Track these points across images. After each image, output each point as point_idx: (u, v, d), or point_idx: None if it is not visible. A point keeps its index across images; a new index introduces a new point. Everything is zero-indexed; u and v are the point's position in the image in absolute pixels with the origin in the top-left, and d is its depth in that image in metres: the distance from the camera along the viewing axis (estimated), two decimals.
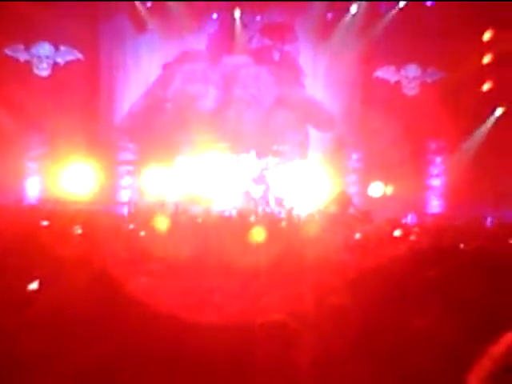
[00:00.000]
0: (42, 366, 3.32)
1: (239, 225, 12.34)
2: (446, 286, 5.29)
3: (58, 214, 12.95)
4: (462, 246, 10.20)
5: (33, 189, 21.16)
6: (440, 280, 5.63)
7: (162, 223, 11.65)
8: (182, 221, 13.58)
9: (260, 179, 21.94)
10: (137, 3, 21.59)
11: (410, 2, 21.44)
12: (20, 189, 20.79)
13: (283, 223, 14.64)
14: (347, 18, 22.09)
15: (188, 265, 6.03)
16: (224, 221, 14.34)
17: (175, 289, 4.80)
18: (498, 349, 2.19)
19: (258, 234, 9.61)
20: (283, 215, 17.29)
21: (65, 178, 20.88)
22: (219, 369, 3.46)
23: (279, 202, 21.11)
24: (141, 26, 21.93)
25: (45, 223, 10.54)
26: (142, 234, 10.87)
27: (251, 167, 21.96)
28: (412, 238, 11.05)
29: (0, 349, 3.57)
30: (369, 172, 22.11)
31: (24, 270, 5.29)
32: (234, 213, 18.47)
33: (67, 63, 21.68)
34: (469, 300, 4.67)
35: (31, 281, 4.94)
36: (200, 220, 13.69)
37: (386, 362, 3.57)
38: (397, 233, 11.31)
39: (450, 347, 3.80)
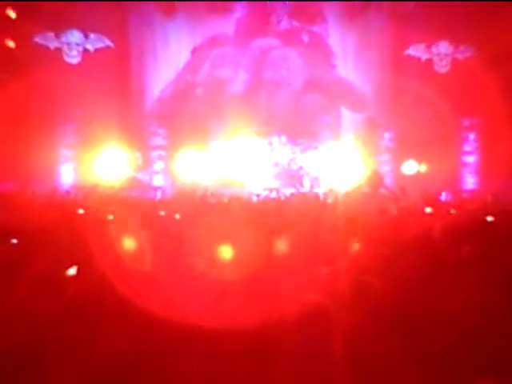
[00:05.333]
0: (77, 352, 3.37)
1: (268, 207, 12.33)
2: (480, 263, 5.26)
3: (91, 201, 13.06)
4: (490, 219, 10.16)
5: (67, 175, 21.39)
6: (474, 257, 5.60)
7: (191, 207, 11.71)
8: (211, 204, 13.59)
9: (293, 161, 21.90)
10: None
11: None
12: (55, 176, 21.02)
13: (316, 202, 14.60)
14: None
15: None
16: (253, 204, 14.33)
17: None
18: None
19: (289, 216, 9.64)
20: (319, 194, 17.23)
21: (98, 164, 21.07)
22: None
23: (313, 183, 21.07)
24: (169, 12, 21.96)
25: (80, 211, 10.64)
26: (177, 216, 10.91)
27: (283, 150, 21.92)
28: (448, 213, 10.98)
29: (38, 333, 3.64)
30: (402, 151, 21.96)
31: (61, 256, 5.37)
32: (265, 195, 18.47)
33: (97, 50, 21.81)
34: (502, 278, 4.65)
35: (69, 267, 5.02)
36: (226, 200, 13.68)
37: (417, 341, 3.57)
38: (428, 209, 11.20)
39: (479, 329, 3.78)
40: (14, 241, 5.86)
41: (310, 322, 3.37)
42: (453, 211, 11.83)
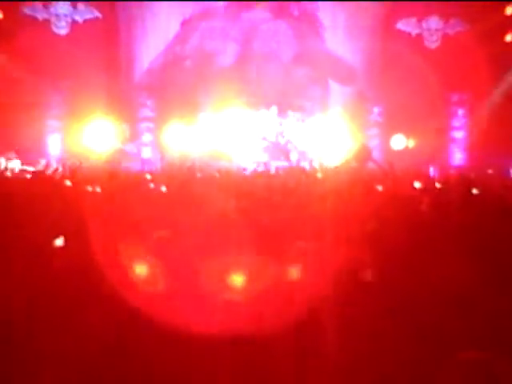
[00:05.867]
0: (64, 324, 3.39)
1: (256, 180, 12.35)
2: (467, 234, 5.31)
3: (79, 173, 13.03)
4: (475, 191, 10.25)
5: (54, 146, 21.30)
6: (461, 229, 5.64)
7: (178, 180, 11.72)
8: (198, 177, 13.59)
9: (281, 134, 21.87)
10: None
11: None
12: (42, 147, 20.93)
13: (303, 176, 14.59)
14: None
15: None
16: (242, 177, 14.34)
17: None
18: None
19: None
20: (307, 168, 17.23)
21: (85, 135, 20.98)
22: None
23: (301, 156, 21.06)
24: None
25: (67, 182, 10.61)
26: (163, 189, 10.92)
27: (272, 122, 21.88)
28: (435, 187, 11.04)
29: (24, 303, 3.65)
30: (390, 125, 21.98)
31: (48, 227, 5.37)
32: (254, 168, 18.47)
33: (86, 21, 21.64)
34: (489, 249, 4.69)
35: (56, 237, 5.04)
36: (213, 174, 13.69)
37: (405, 314, 3.60)
38: (417, 184, 11.25)
39: (468, 297, 3.82)
40: None
41: (296, 295, 3.39)
42: (439, 185, 11.91)
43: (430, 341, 3.35)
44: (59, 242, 5.01)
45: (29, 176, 12.41)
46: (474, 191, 10.48)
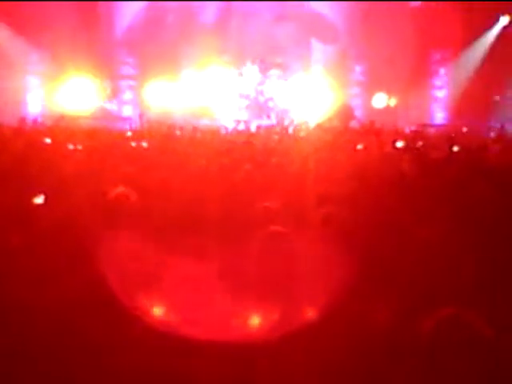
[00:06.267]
0: (46, 283, 3.39)
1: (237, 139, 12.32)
2: (451, 193, 5.36)
3: (59, 131, 12.93)
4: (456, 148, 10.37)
5: (34, 104, 21.10)
6: (442, 186, 5.69)
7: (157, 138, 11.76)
8: (178, 135, 13.57)
9: (261, 92, 21.76)
10: None
11: None
12: (21, 104, 20.72)
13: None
14: None
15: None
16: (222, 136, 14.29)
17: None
18: None
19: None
20: (287, 127, 17.21)
21: (65, 92, 20.79)
22: None
23: (282, 114, 20.98)
24: None
25: (47, 140, 10.55)
26: (144, 144, 10.95)
27: (253, 80, 21.74)
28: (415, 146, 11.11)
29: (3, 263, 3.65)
30: (372, 84, 21.97)
31: (28, 185, 5.36)
32: (233, 126, 18.40)
33: None
34: (472, 208, 4.75)
35: (36, 195, 5.03)
36: (199, 135, 13.66)
37: (385, 271, 3.63)
38: (399, 144, 11.32)
39: (453, 257, 3.87)
40: None
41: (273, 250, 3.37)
42: (420, 143, 11.99)
43: (413, 298, 3.39)
44: (39, 200, 5.00)
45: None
46: (455, 149, 10.62)
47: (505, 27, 21.28)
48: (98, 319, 3.08)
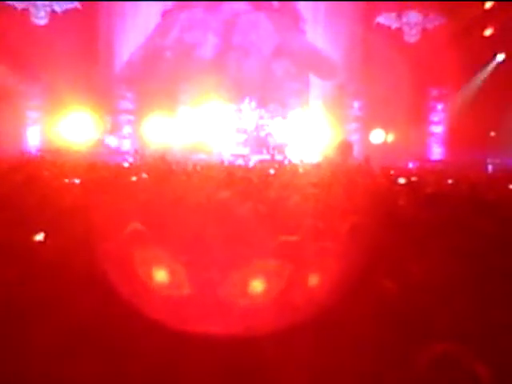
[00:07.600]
0: (45, 314, 3.38)
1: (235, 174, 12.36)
2: (445, 229, 5.36)
3: (58, 165, 12.96)
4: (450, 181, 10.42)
5: (33, 138, 21.18)
6: (439, 224, 5.69)
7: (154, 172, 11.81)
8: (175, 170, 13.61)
9: (261, 127, 21.84)
10: None
11: None
12: (20, 139, 20.80)
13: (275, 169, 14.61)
14: None
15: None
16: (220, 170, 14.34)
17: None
18: None
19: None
20: (285, 162, 17.29)
21: (64, 127, 20.87)
22: None
23: (280, 150, 21.05)
24: None
25: (46, 174, 10.57)
26: (144, 175, 11.04)
27: (252, 116, 21.85)
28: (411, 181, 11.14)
29: (5, 298, 3.64)
30: (370, 120, 22.07)
31: (26, 221, 5.35)
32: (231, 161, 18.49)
33: (65, 12, 21.46)
34: (466, 244, 4.75)
35: (36, 232, 5.01)
36: (198, 168, 13.72)
37: (383, 306, 3.63)
38: (402, 180, 11.32)
39: (446, 292, 3.86)
40: None
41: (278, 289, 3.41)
42: (414, 178, 12.02)
43: (409, 331, 3.38)
44: (39, 237, 4.98)
45: None
46: (449, 181, 10.71)
47: (500, 63, 21.47)
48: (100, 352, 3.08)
